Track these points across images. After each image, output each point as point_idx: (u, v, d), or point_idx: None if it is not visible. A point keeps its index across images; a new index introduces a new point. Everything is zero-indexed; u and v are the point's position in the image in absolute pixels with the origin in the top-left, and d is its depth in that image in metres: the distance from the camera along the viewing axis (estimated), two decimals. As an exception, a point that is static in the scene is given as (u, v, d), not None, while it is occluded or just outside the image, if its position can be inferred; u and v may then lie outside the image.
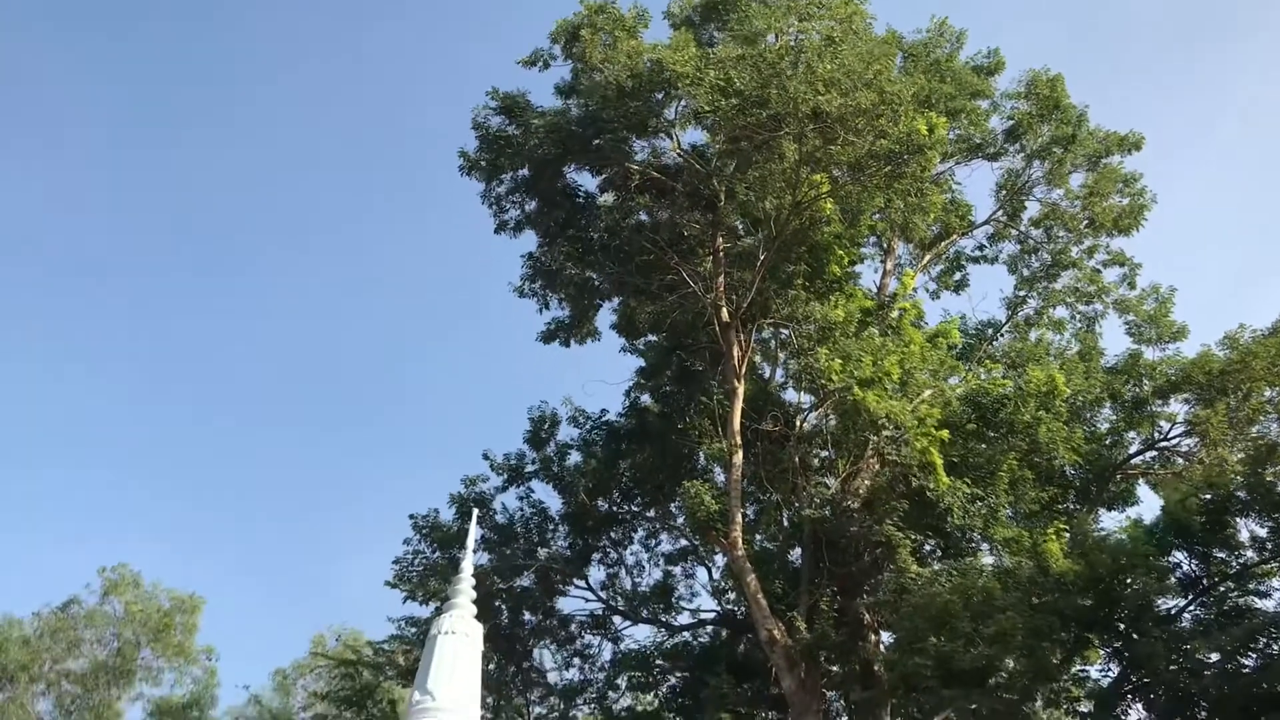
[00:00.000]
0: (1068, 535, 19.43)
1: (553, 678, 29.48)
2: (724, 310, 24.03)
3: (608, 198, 25.35)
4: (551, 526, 28.43)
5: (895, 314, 24.92)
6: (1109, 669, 19.25)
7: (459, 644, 15.09)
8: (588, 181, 25.67)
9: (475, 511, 20.67)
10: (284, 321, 77.29)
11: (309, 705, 32.81)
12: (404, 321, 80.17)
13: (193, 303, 75.07)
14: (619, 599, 28.92)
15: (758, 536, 25.78)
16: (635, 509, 28.87)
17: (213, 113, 75.72)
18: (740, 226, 25.36)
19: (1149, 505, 24.90)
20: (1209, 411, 22.61)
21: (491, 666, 26.88)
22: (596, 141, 23.74)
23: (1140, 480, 25.03)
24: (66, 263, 72.51)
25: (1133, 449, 24.68)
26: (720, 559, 27.40)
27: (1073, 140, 28.01)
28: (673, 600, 28.38)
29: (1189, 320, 26.28)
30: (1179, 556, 18.37)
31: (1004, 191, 29.21)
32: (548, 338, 27.09)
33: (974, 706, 17.26)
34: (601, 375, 58.60)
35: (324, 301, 79.74)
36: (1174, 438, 24.28)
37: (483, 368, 79.88)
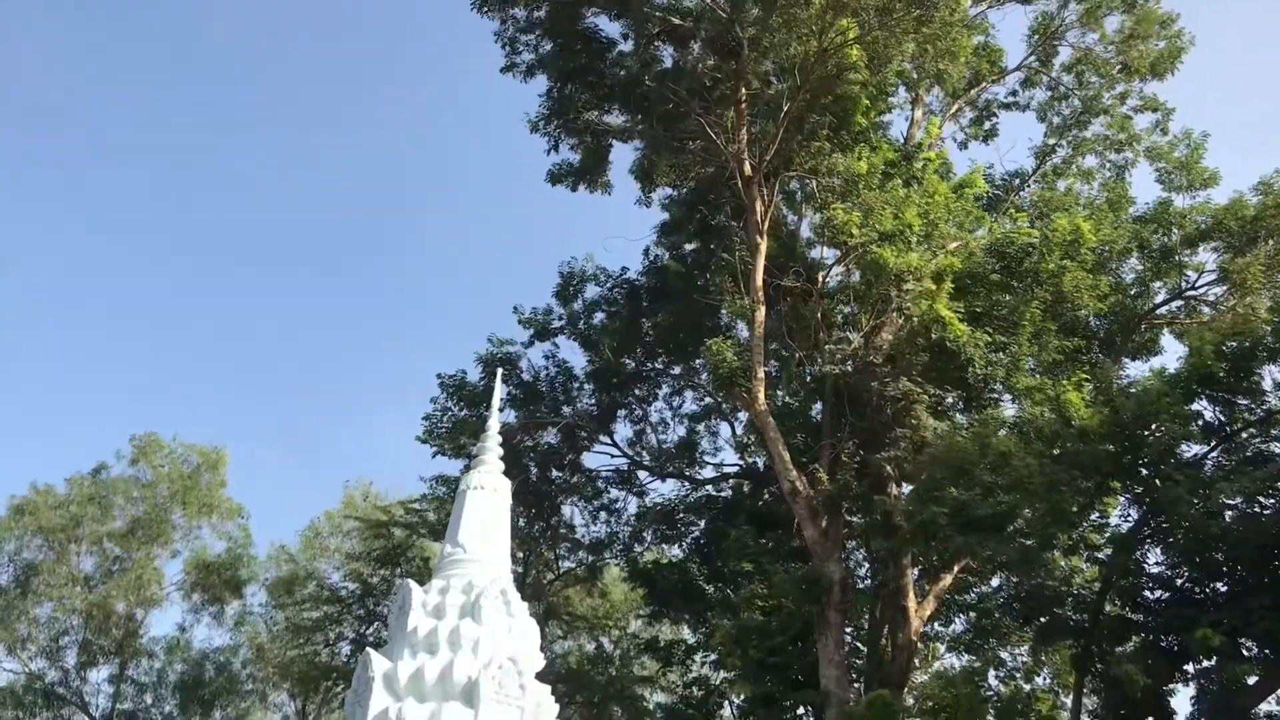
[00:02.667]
0: (1090, 385, 19.45)
1: (580, 532, 30.30)
2: (746, 163, 23.65)
3: (628, 45, 24.72)
4: (577, 385, 28.75)
5: (920, 165, 24.43)
6: (1129, 515, 19.50)
7: (488, 498, 15.45)
8: (607, 26, 25.04)
9: (501, 370, 20.95)
10: (302, 184, 76.83)
11: (341, 565, 33.84)
12: (420, 183, 79.49)
13: (203, 166, 74.56)
14: (644, 455, 29.42)
15: (779, 392, 25.94)
16: (659, 366, 29.08)
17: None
18: (764, 76, 24.71)
19: (1173, 355, 24.74)
20: (1240, 259, 22.28)
21: (521, 522, 27.54)
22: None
23: (1165, 330, 24.85)
24: (79, 131, 71.88)
25: (1159, 298, 24.43)
26: (743, 415, 27.69)
27: (1109, -21, 26.96)
28: (696, 455, 28.85)
29: (1222, 167, 25.63)
30: (1202, 405, 18.34)
31: (1036, 36, 28.27)
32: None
33: (989, 553, 17.59)
34: (616, 231, 58.16)
35: (340, 162, 79.07)
36: (1201, 287, 23.98)
37: (500, 231, 79.51)
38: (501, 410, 23.49)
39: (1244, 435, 17.87)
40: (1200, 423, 18.08)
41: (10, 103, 64.46)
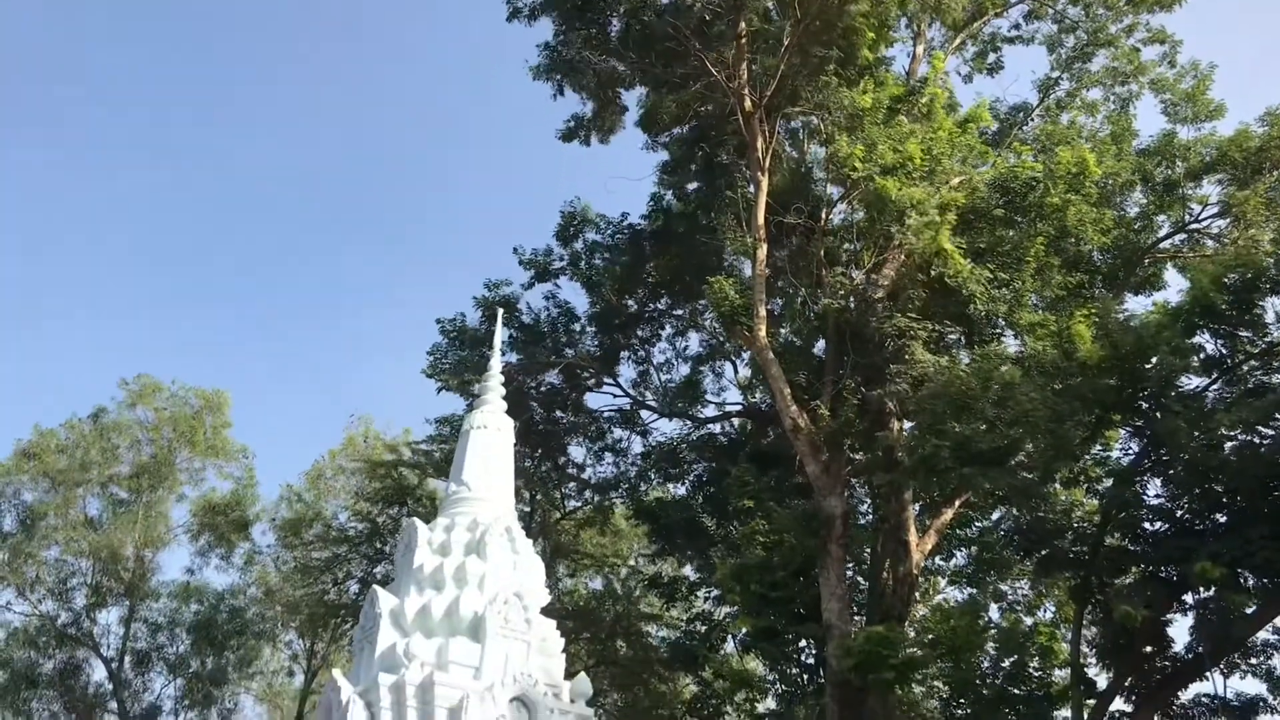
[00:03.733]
0: (1093, 320, 19.44)
1: (586, 473, 30.48)
2: (747, 99, 23.43)
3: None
4: (578, 327, 28.75)
5: (926, 99, 24.17)
6: (1129, 448, 19.60)
7: (491, 437, 15.60)
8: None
9: (501, 312, 20.98)
10: (300, 127, 76.20)
11: (347, 505, 34.06)
12: (421, 127, 78.87)
13: (207, 108, 73.89)
14: (647, 395, 29.52)
15: (783, 330, 25.96)
16: (662, 308, 29.04)
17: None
18: (764, 12, 24.36)
19: (1176, 290, 24.69)
20: (1244, 192, 22.14)
21: (527, 463, 27.71)
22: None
23: (1169, 265, 24.77)
24: (77, 73, 71.14)
25: (1162, 232, 24.32)
26: (746, 355, 27.74)
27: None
28: (700, 395, 28.91)
29: (1228, 99, 25.34)
30: (1204, 338, 18.36)
31: (1041, -34, 27.83)
32: (568, 136, 26.58)
33: (989, 486, 17.70)
34: (618, 180, 57.54)
35: (342, 106, 78.34)
36: (1205, 220, 23.86)
37: (501, 175, 79.01)
38: (503, 353, 23.65)
39: (1245, 368, 17.91)
40: (1201, 356, 18.12)
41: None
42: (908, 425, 22.80)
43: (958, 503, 22.87)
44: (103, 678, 34.79)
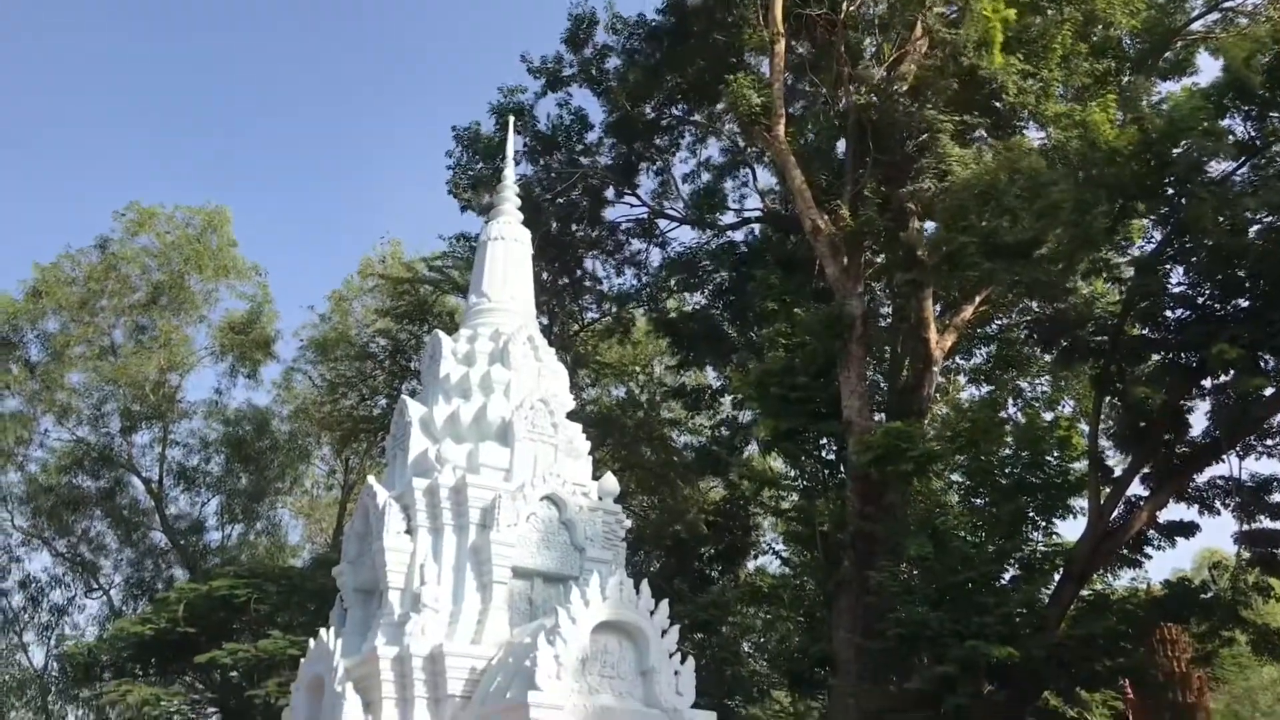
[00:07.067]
0: (1119, 108, 18.92)
1: (604, 285, 30.51)
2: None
3: None
4: (594, 137, 28.21)
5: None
6: (1152, 238, 19.42)
7: (509, 248, 15.53)
8: None
9: (514, 120, 20.52)
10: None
11: (369, 324, 34.26)
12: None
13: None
14: (666, 205, 29.23)
15: (809, 130, 25.43)
16: (679, 114, 28.38)
17: None
18: None
19: (1208, 75, 23.84)
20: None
21: (545, 277, 27.69)
22: None
23: (1200, 48, 23.85)
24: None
25: (1195, 12, 23.31)
26: (766, 160, 27.27)
27: None
28: (719, 202, 28.55)
29: None
30: (1234, 121, 17.86)
31: None
32: None
33: (1016, 279, 17.63)
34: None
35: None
36: (1241, -5, 22.82)
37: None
38: (518, 163, 23.27)
39: (1274, 149, 17.48)
40: (1230, 139, 17.66)
41: None
42: (929, 225, 22.61)
43: (978, 300, 22.89)
44: (144, 497, 35.96)
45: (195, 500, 37.12)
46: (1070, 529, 21.36)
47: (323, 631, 12.66)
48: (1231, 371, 16.78)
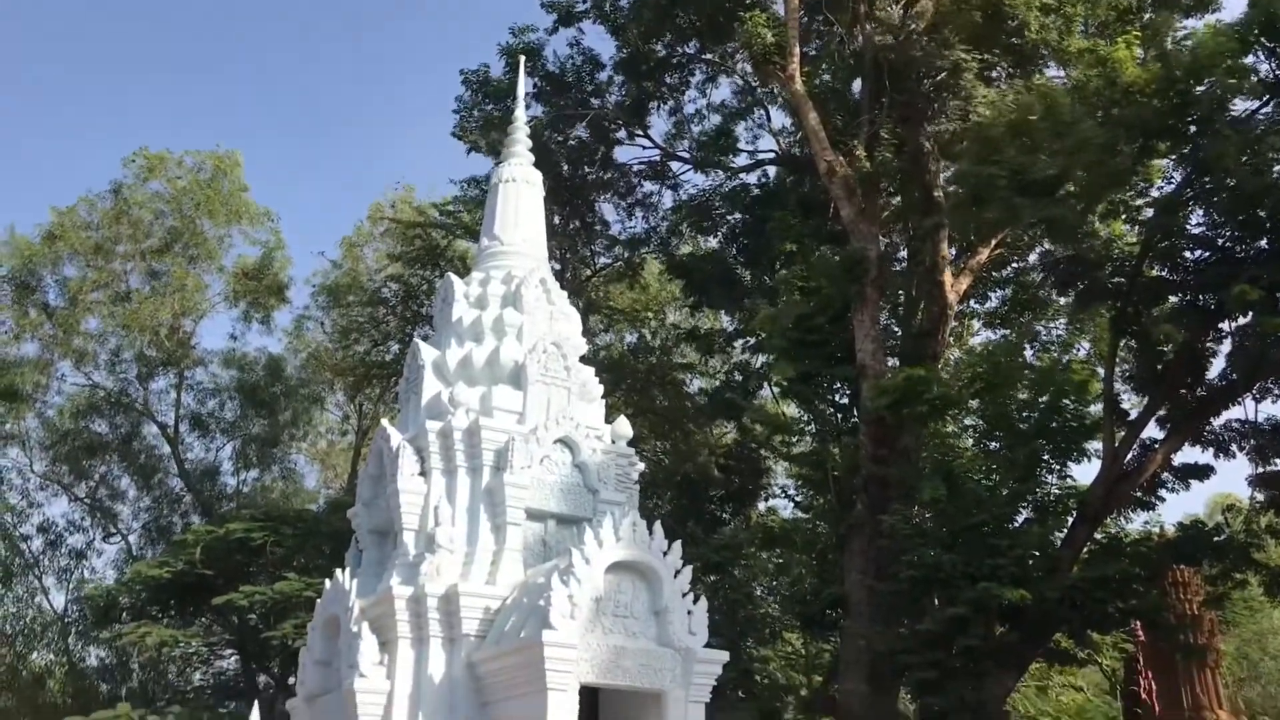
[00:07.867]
0: (1142, 44, 18.54)
1: (616, 230, 30.32)
2: None
3: None
4: (605, 76, 27.86)
5: None
6: (1172, 179, 19.14)
7: (520, 190, 15.39)
8: None
9: (524, 60, 20.23)
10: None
11: (380, 269, 34.15)
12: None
13: None
14: (678, 146, 28.91)
15: (820, 73, 25.05)
16: (691, 52, 27.98)
17: None
18: None
19: (1233, 9, 23.32)
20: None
21: (556, 220, 27.51)
22: None
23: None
24: None
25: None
26: (780, 101, 26.91)
27: None
28: (732, 144, 28.23)
29: None
30: (1258, 60, 17.48)
31: None
32: None
33: (1038, 217, 17.37)
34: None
35: None
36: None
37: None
38: (528, 106, 23.04)
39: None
40: (1255, 78, 17.31)
41: None
42: (945, 166, 22.32)
43: (994, 243, 22.66)
44: (160, 443, 36.19)
45: (210, 446, 37.37)
46: (1084, 472, 21.35)
47: (338, 573, 12.74)
48: (1251, 313, 16.58)
